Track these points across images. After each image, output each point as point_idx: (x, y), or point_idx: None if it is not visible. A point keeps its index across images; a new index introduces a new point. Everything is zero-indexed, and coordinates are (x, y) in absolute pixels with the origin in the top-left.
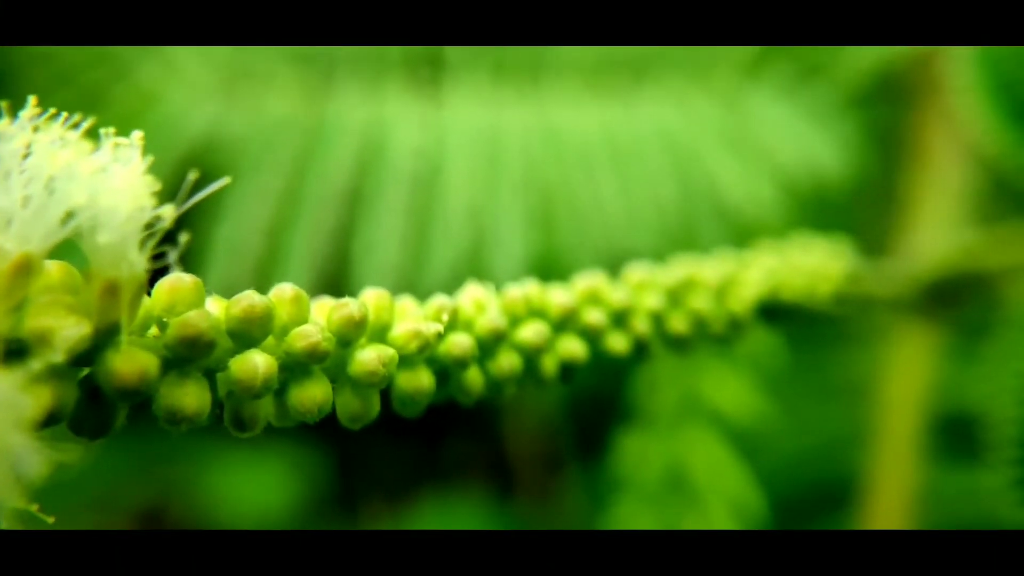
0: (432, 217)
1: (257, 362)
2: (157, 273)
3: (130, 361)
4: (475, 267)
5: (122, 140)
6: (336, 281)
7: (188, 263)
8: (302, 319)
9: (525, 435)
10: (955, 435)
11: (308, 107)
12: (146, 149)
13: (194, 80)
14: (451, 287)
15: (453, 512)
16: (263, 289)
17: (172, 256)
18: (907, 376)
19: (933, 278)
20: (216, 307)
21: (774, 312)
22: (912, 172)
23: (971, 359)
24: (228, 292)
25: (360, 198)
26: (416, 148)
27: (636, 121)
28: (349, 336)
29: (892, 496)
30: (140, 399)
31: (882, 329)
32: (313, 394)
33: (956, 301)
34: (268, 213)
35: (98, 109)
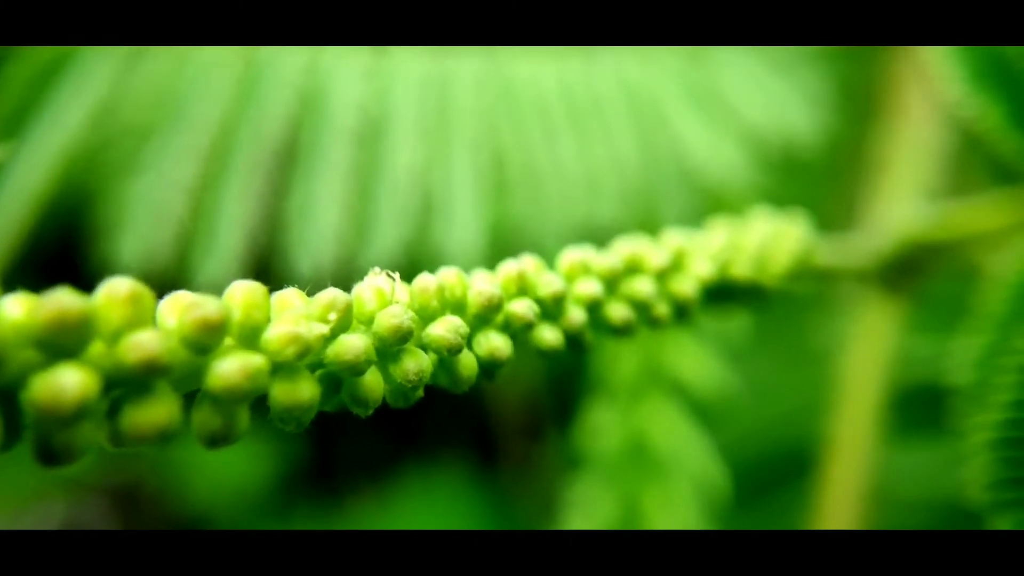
0: (377, 178)
1: (65, 381)
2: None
3: None
4: (424, 235)
5: None
6: (268, 251)
7: (101, 228)
8: (141, 323)
9: (508, 404)
10: (919, 408)
11: (237, 52)
12: (59, 97)
13: None
14: (398, 258)
15: (435, 482)
16: (187, 256)
17: None
18: (869, 347)
19: (897, 251)
20: (18, 309)
21: (725, 293)
22: (884, 132)
23: (936, 331)
24: (148, 260)
25: (296, 155)
26: (359, 101)
27: (596, 74)
28: (205, 343)
29: (850, 466)
30: None
31: (845, 299)
32: (153, 416)
33: (921, 272)
34: (192, 170)
35: (11, 55)
